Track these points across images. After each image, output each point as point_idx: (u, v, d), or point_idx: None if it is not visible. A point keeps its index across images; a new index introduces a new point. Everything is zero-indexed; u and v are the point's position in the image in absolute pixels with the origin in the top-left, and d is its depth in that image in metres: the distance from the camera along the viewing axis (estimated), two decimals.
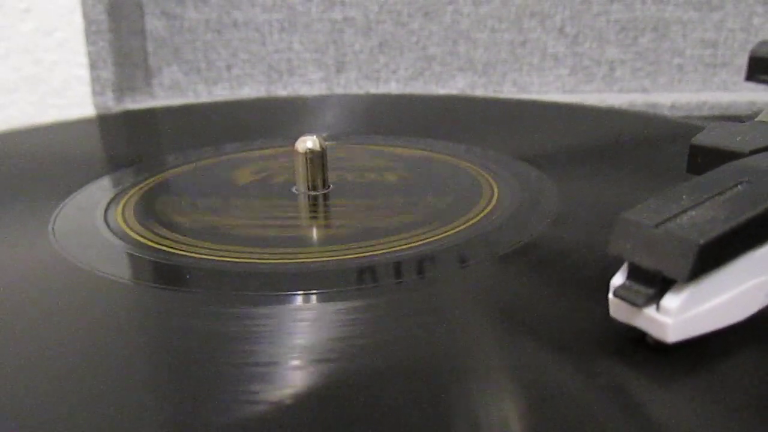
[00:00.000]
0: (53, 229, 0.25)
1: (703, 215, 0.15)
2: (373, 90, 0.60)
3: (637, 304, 0.15)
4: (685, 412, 0.14)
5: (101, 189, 0.29)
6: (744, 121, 0.22)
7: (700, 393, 0.14)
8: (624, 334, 0.16)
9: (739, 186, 0.16)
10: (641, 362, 0.15)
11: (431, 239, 0.23)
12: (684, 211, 0.15)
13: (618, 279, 0.16)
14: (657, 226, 0.15)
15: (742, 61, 0.58)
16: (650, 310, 0.15)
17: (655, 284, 0.15)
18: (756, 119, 0.22)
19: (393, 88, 0.60)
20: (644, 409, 0.14)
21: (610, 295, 0.16)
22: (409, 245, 0.22)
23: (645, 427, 0.13)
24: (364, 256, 0.21)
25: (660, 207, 0.16)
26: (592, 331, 0.16)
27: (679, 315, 0.15)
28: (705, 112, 0.56)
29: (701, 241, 0.14)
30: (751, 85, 0.25)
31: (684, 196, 0.16)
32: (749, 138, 0.19)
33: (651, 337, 0.15)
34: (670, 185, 0.17)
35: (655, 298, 0.15)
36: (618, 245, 0.15)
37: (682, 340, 0.15)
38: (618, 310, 0.16)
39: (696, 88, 0.60)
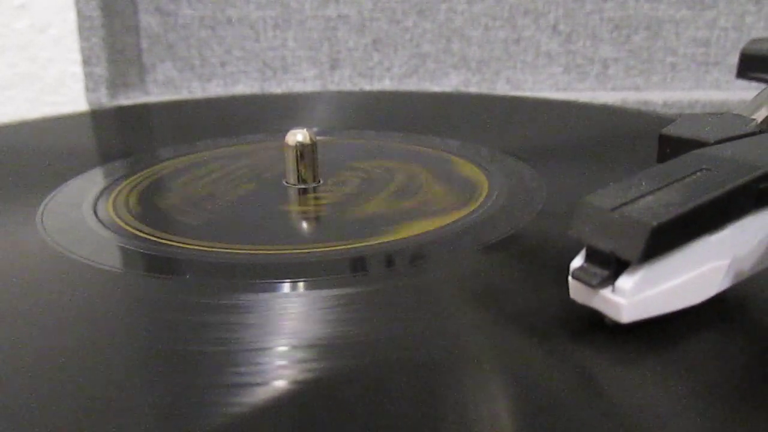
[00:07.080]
0: (41, 219, 0.25)
1: (660, 200, 0.15)
2: (367, 87, 0.61)
3: (593, 285, 0.15)
4: (644, 391, 0.14)
5: (91, 181, 0.29)
6: None
7: (658, 373, 0.14)
8: (587, 316, 0.16)
9: (698, 173, 0.17)
10: (602, 344, 0.15)
11: (420, 232, 0.23)
12: (642, 196, 0.16)
13: (577, 261, 0.16)
14: (614, 209, 0.15)
15: (735, 60, 0.58)
16: (606, 291, 0.15)
17: (610, 266, 0.15)
18: (734, 113, 0.22)
19: (387, 85, 0.61)
20: (605, 391, 0.14)
21: (570, 277, 0.16)
22: (399, 237, 0.22)
23: (606, 407, 0.14)
24: (353, 248, 0.22)
25: (619, 192, 0.16)
26: (562, 315, 0.17)
27: (633, 296, 0.15)
28: (697, 110, 0.57)
29: (654, 224, 0.14)
30: (743, 83, 0.25)
31: (644, 182, 0.16)
32: (717, 128, 0.20)
33: (609, 319, 0.15)
34: None
35: (610, 280, 0.15)
36: (577, 228, 0.16)
37: (637, 320, 0.15)
38: (577, 291, 0.16)
39: (688, 86, 0.61)
